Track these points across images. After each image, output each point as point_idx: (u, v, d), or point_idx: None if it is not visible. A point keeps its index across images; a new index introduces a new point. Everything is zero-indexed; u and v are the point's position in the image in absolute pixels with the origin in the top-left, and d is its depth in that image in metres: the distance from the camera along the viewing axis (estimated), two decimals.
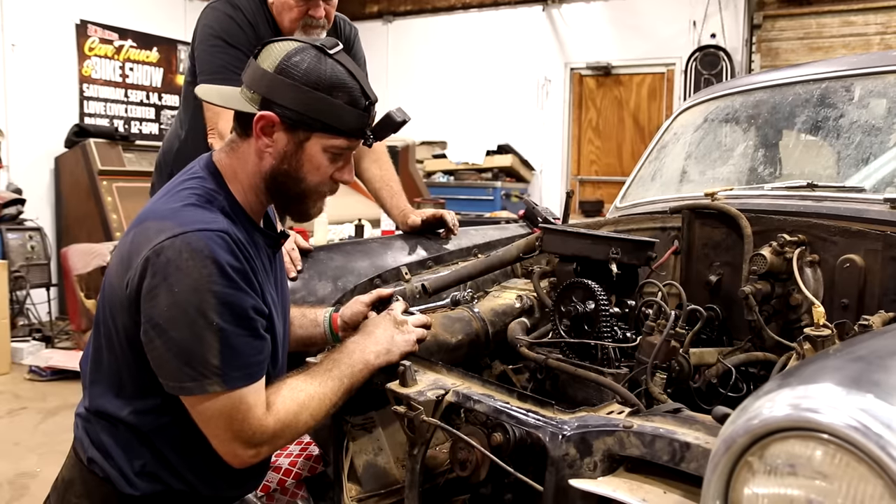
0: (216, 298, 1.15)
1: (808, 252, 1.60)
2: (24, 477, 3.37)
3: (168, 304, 1.15)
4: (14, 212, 5.74)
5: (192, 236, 1.16)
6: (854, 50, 6.30)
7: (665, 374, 1.40)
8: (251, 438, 1.22)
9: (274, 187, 1.30)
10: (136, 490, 1.27)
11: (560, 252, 1.68)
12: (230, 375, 1.17)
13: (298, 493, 1.69)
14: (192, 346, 1.15)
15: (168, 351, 1.17)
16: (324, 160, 1.28)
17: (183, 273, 1.15)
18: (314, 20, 2.08)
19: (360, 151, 2.31)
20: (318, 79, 1.23)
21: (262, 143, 1.26)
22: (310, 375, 1.33)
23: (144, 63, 7.20)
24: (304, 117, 1.23)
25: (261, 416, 1.22)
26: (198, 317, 1.15)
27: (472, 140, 7.89)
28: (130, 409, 1.27)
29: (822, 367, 0.88)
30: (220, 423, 1.20)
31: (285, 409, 1.25)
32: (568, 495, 1.14)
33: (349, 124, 1.26)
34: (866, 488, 0.76)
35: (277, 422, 1.24)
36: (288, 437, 1.27)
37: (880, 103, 1.98)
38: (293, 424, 1.26)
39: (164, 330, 1.16)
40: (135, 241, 1.22)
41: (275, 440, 1.25)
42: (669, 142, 2.55)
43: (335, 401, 1.32)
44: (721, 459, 0.86)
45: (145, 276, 1.17)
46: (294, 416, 1.26)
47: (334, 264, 1.87)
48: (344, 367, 1.35)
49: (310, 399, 1.29)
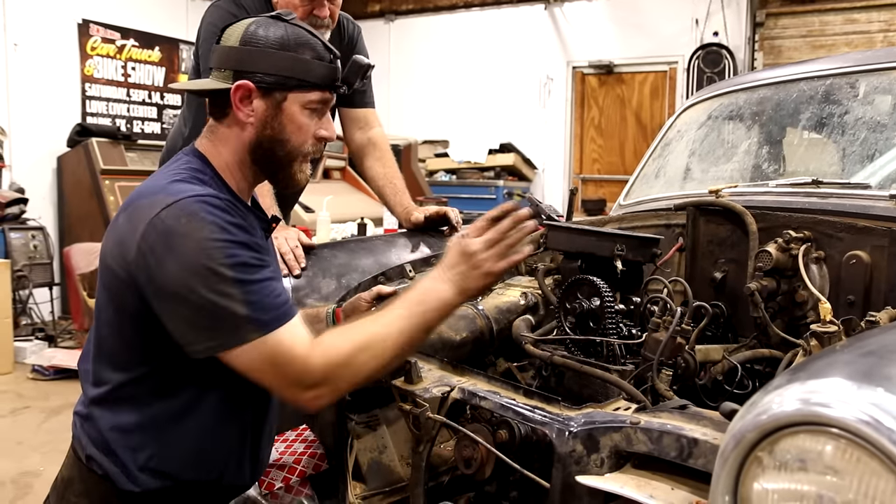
0: (223, 252, 1.16)
1: (813, 248, 1.60)
2: (28, 476, 3.38)
3: (179, 270, 1.15)
4: (17, 211, 5.74)
5: (186, 202, 1.18)
6: (857, 47, 6.29)
7: (671, 370, 1.40)
8: (301, 379, 1.20)
9: (259, 155, 1.32)
10: (136, 486, 1.26)
11: (565, 249, 1.67)
12: (261, 319, 1.17)
13: (303, 491, 1.68)
14: (216, 303, 1.15)
15: (194, 314, 1.16)
16: (304, 118, 1.31)
17: (185, 237, 1.16)
18: (319, 20, 2.07)
19: (365, 149, 2.32)
20: (282, 40, 1.28)
21: (243, 114, 1.29)
22: (373, 317, 1.29)
23: (146, 62, 7.19)
24: (278, 77, 1.27)
25: (304, 354, 1.20)
26: (210, 274, 1.15)
27: (475, 139, 7.89)
28: (135, 395, 1.26)
29: (831, 361, 0.88)
30: (269, 370, 1.19)
31: (335, 349, 1.22)
32: (575, 492, 1.14)
33: (321, 77, 1.30)
34: (878, 483, 0.76)
35: (326, 363, 1.20)
36: (347, 378, 1.23)
37: (885, 100, 1.97)
38: (348, 365, 1.22)
39: (182, 297, 1.16)
40: (129, 220, 1.22)
41: (329, 381, 1.22)
42: (673, 139, 2.55)
43: (403, 341, 1.25)
44: (730, 455, 0.85)
45: (148, 252, 1.17)
46: (348, 356, 1.21)
47: (338, 262, 1.86)
48: (413, 305, 1.28)
49: (370, 338, 1.23)
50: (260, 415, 1.39)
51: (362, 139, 2.31)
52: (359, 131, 2.31)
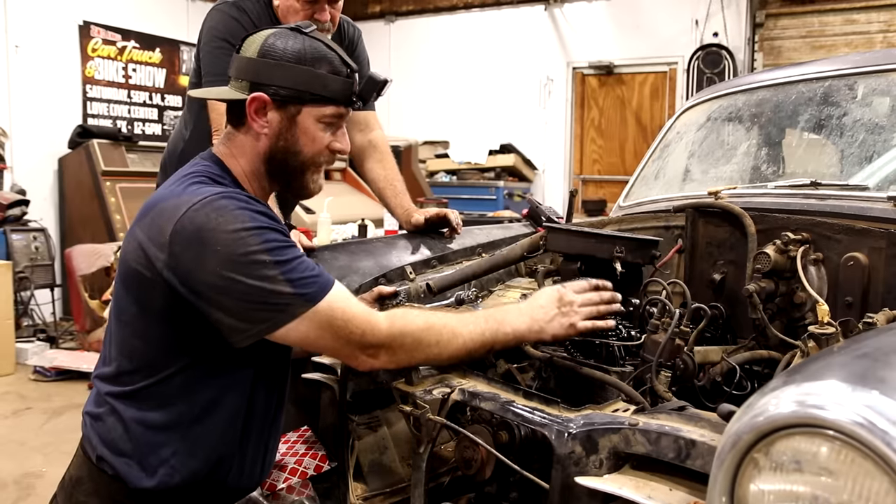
0: (256, 238, 1.20)
1: (811, 250, 1.60)
2: (30, 477, 3.38)
3: (218, 265, 1.18)
4: (18, 213, 5.75)
5: (211, 199, 1.22)
6: (857, 48, 6.29)
7: (669, 372, 1.40)
8: (362, 339, 1.24)
9: (273, 165, 1.35)
10: (151, 482, 1.27)
11: (564, 251, 1.68)
12: (307, 293, 1.21)
13: (304, 492, 1.69)
14: (261, 288, 1.19)
15: (240, 303, 1.19)
16: (317, 130, 1.34)
17: (218, 232, 1.19)
18: (319, 23, 2.08)
19: (365, 151, 2.33)
20: (299, 54, 1.30)
21: (258, 125, 1.32)
22: (455, 313, 1.35)
23: (147, 64, 7.21)
24: (293, 91, 1.30)
25: (363, 315, 1.25)
26: (249, 262, 1.19)
27: (475, 140, 7.90)
28: (158, 393, 1.27)
29: (827, 363, 0.89)
30: (328, 336, 1.23)
31: (407, 319, 1.28)
32: (574, 493, 1.14)
33: (336, 91, 1.32)
34: (872, 484, 0.76)
35: (392, 327, 1.26)
36: (408, 349, 1.27)
37: (883, 101, 1.98)
38: (413, 337, 1.27)
39: (226, 289, 1.19)
40: (154, 223, 1.25)
41: (391, 346, 1.26)
42: (672, 141, 2.56)
43: (469, 345, 1.31)
44: (727, 456, 0.86)
45: (181, 252, 1.20)
46: (417, 330, 1.27)
47: (338, 264, 1.87)
48: (492, 321, 1.34)
49: (443, 327, 1.29)
50: (273, 416, 1.40)
51: (363, 141, 2.32)
52: (359, 133, 2.32)
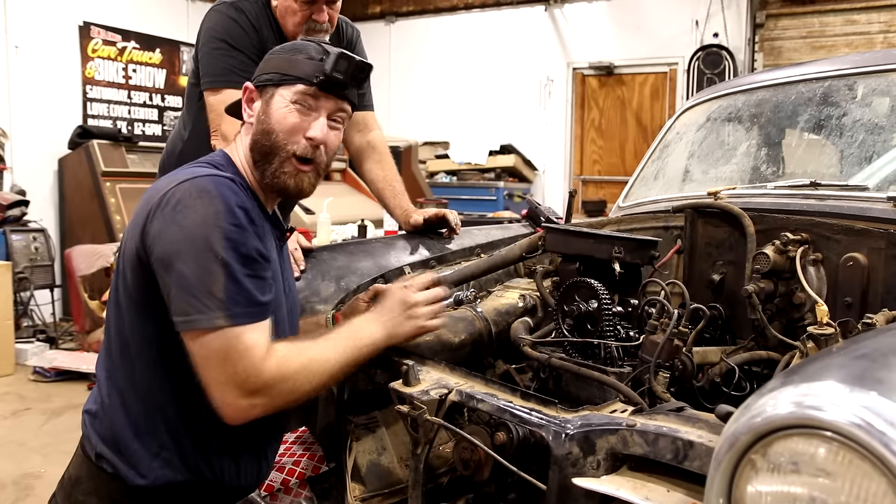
0: (223, 234, 1.19)
1: (811, 250, 1.60)
2: (29, 477, 3.38)
3: (176, 239, 1.18)
4: (18, 213, 5.75)
5: (201, 180, 1.24)
6: (857, 49, 6.29)
7: (668, 373, 1.40)
8: (245, 382, 1.19)
9: (255, 151, 1.38)
10: (146, 479, 1.26)
11: (563, 251, 1.68)
12: (233, 311, 1.18)
13: (302, 493, 1.69)
14: (199, 278, 1.17)
15: (175, 284, 1.18)
16: (288, 111, 1.36)
17: (191, 210, 1.19)
18: (317, 24, 2.08)
19: (364, 152, 2.32)
20: (284, 48, 1.43)
21: (247, 114, 1.41)
22: (315, 342, 1.32)
23: (147, 64, 7.21)
24: (268, 75, 1.39)
25: (258, 358, 1.20)
26: (204, 249, 1.17)
27: (475, 140, 7.90)
28: (156, 388, 1.28)
29: (825, 364, 0.88)
30: (217, 362, 1.18)
31: (288, 362, 1.23)
32: (571, 494, 1.14)
33: (305, 72, 1.36)
34: (870, 486, 0.76)
35: (277, 371, 1.21)
36: (284, 393, 1.23)
37: (883, 102, 1.98)
38: (292, 380, 1.23)
39: (171, 263, 1.18)
40: (147, 200, 1.27)
41: (270, 391, 1.21)
42: (672, 141, 2.55)
43: (335, 372, 1.31)
44: (724, 457, 0.86)
45: (156, 219, 1.21)
46: (294, 372, 1.24)
47: (337, 264, 1.87)
48: (349, 339, 1.35)
49: (312, 362, 1.27)
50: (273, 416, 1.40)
51: (361, 142, 2.31)
52: (358, 134, 2.31)
